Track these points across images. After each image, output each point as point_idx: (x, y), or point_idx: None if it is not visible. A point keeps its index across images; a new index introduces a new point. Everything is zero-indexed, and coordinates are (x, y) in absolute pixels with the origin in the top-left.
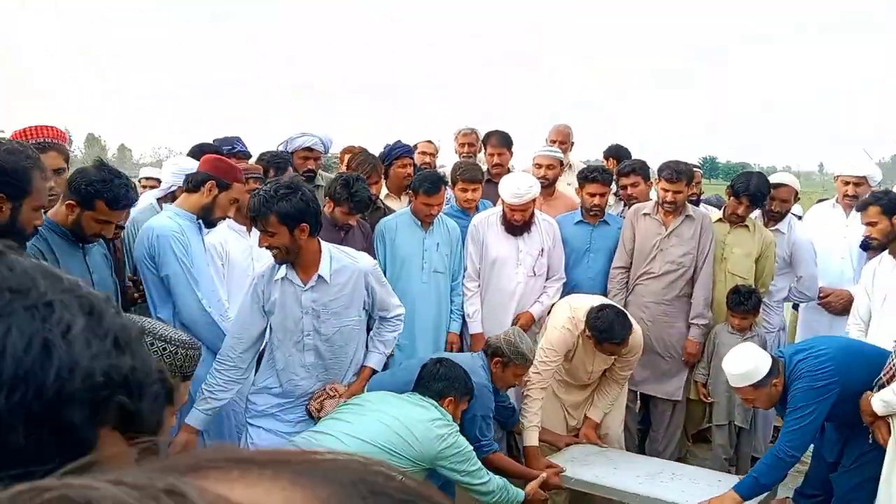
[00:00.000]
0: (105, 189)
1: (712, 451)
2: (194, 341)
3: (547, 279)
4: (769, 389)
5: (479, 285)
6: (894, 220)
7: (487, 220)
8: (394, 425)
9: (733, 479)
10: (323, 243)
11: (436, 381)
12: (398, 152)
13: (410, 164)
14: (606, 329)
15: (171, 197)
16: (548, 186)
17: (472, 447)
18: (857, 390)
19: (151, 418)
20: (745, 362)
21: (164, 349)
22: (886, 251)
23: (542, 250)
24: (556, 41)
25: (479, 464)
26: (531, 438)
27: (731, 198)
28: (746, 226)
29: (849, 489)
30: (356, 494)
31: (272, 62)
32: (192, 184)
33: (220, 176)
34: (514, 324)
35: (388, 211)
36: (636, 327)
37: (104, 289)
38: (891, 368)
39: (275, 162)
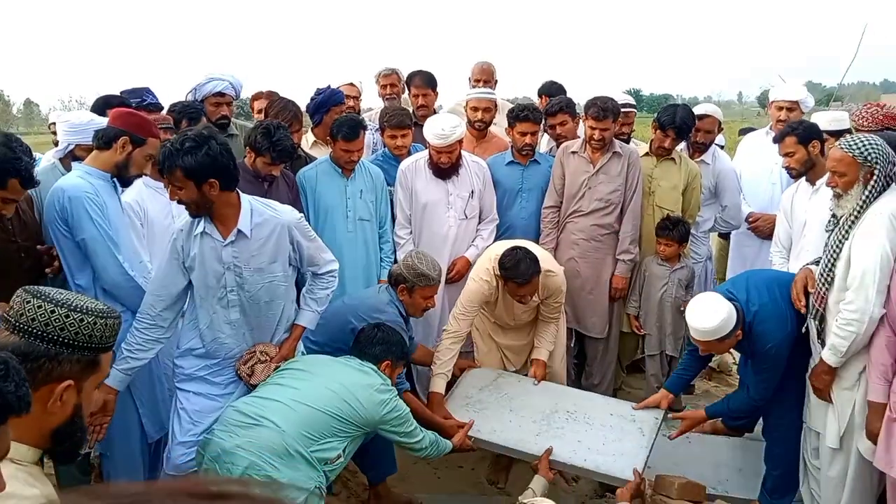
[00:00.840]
0: (20, 167)
1: (646, 381)
2: (112, 309)
3: (480, 222)
4: (731, 340)
5: (410, 232)
6: (809, 149)
7: (415, 164)
8: (340, 391)
9: (626, 408)
10: (243, 196)
11: (373, 345)
12: (334, 101)
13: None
14: (512, 267)
15: (70, 155)
16: (483, 129)
17: (408, 409)
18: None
19: None
20: (713, 318)
21: (82, 321)
22: (804, 178)
23: (473, 192)
24: None
25: (414, 423)
26: (437, 385)
27: (657, 131)
28: (672, 158)
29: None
30: None
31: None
32: (104, 140)
33: (133, 131)
34: (450, 270)
35: (309, 160)
36: (556, 270)
37: None
38: (819, 294)
39: (187, 112)
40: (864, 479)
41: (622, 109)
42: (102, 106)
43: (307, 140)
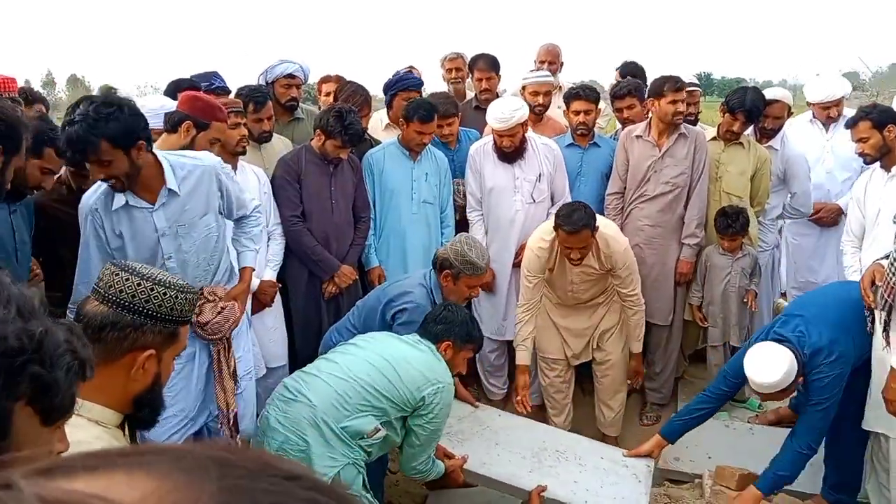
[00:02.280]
0: (55, 136)
1: (708, 371)
2: (191, 285)
3: (552, 205)
4: (792, 388)
5: (481, 214)
6: (885, 133)
7: (483, 148)
8: (380, 365)
9: (616, 454)
10: (157, 152)
11: (436, 323)
12: (407, 84)
13: (418, 96)
14: (565, 214)
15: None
16: (542, 114)
17: (447, 418)
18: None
19: (66, 393)
20: (779, 370)
21: (165, 294)
22: (878, 164)
23: (541, 175)
24: None
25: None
26: (522, 358)
27: (726, 115)
28: (741, 143)
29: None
30: (207, 481)
31: None
32: (171, 124)
33: (197, 115)
34: (517, 254)
35: (373, 144)
36: (619, 239)
37: (23, 252)
38: (889, 284)
39: (253, 96)
40: None
41: (687, 89)
42: (174, 90)
43: (381, 122)
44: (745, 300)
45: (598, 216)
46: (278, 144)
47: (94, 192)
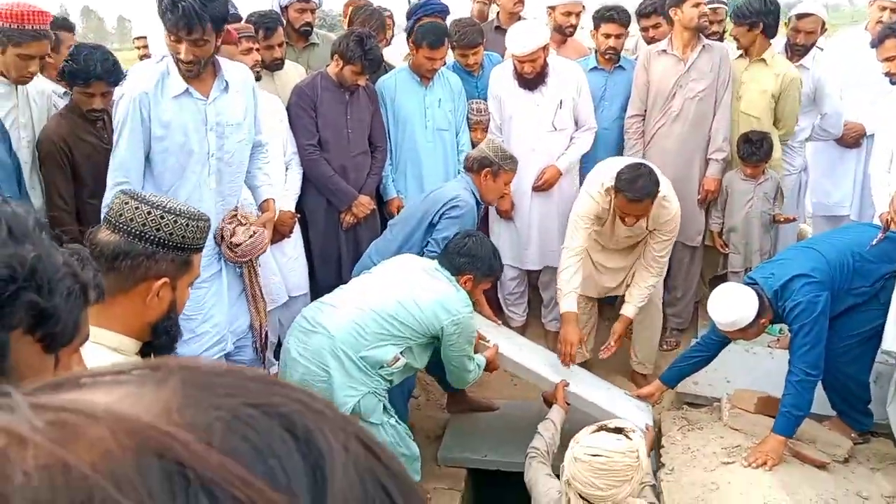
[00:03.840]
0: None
1: None
2: (202, 213)
3: (577, 129)
4: (757, 329)
5: (502, 140)
6: None
7: (503, 73)
8: (399, 295)
9: (619, 391)
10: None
11: (460, 255)
12: (432, 9)
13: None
14: (629, 179)
15: None
16: (571, 34)
17: (475, 334)
18: (843, 288)
19: (68, 319)
20: (731, 312)
21: (176, 222)
22: None
23: (562, 102)
24: None
25: (472, 353)
26: (569, 304)
27: (734, 25)
28: (764, 59)
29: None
30: (207, 402)
31: None
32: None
33: None
34: (538, 178)
35: (388, 69)
36: (673, 202)
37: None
38: None
39: (263, 22)
40: None
41: (710, 6)
42: None
43: (400, 55)
44: (773, 223)
45: (660, 176)
46: (292, 72)
47: (144, 76)
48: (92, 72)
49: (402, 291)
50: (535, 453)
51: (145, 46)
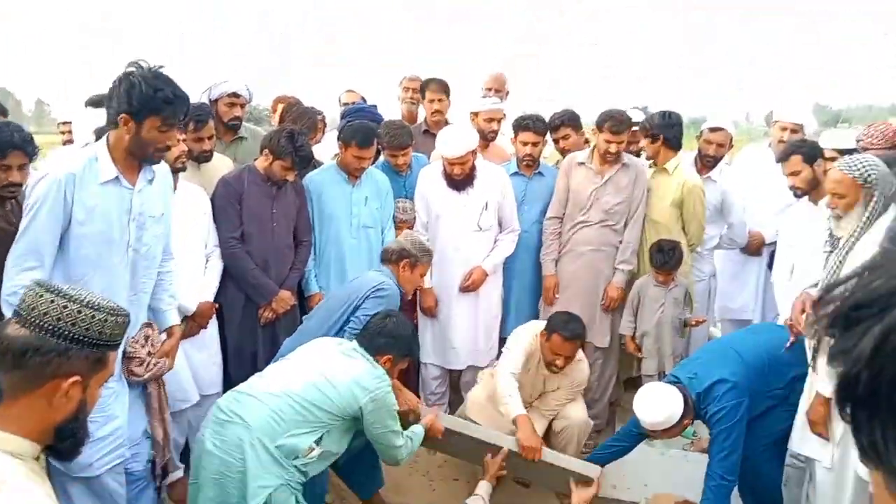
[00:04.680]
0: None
1: None
2: (121, 307)
3: (501, 231)
4: (679, 429)
5: (427, 240)
6: (815, 168)
7: (431, 174)
8: (315, 379)
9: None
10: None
11: (380, 335)
12: (364, 115)
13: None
14: (565, 321)
15: None
16: (493, 139)
17: (395, 407)
18: (760, 391)
19: None
20: (660, 412)
21: (93, 317)
22: (806, 199)
23: (487, 204)
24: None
25: (398, 425)
26: (517, 407)
27: (651, 141)
28: (666, 169)
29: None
30: None
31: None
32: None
33: None
34: (466, 279)
35: (317, 167)
36: (584, 364)
37: None
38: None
39: (194, 114)
40: (862, 501)
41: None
42: (100, 103)
43: (330, 150)
44: (684, 327)
45: None
46: (219, 164)
47: (71, 159)
48: (8, 141)
49: (317, 375)
50: None
51: (69, 132)
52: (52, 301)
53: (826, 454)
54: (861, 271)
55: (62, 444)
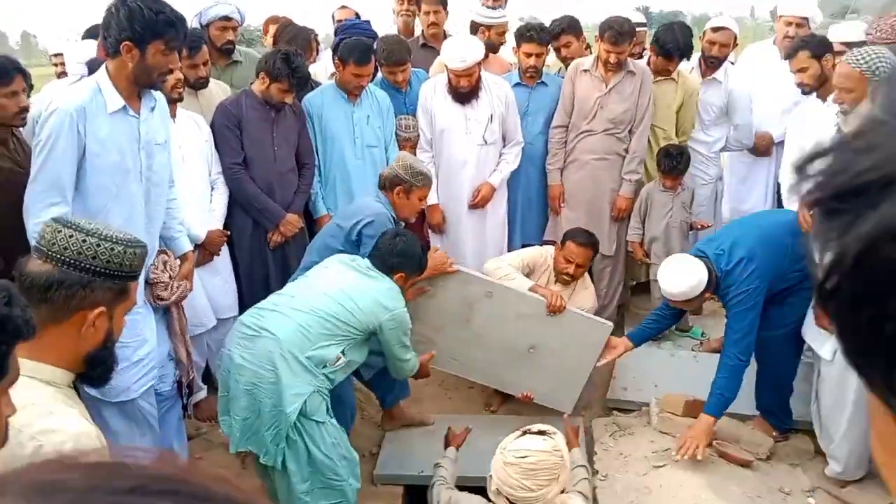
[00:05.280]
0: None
1: (652, 305)
2: (139, 239)
3: (504, 145)
4: (700, 300)
5: (432, 156)
6: (823, 63)
7: (434, 87)
8: (337, 295)
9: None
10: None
11: (392, 255)
12: (358, 31)
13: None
14: (581, 231)
15: None
16: (496, 51)
17: (410, 325)
18: (779, 274)
19: None
20: (685, 282)
21: (112, 250)
22: (814, 95)
23: (492, 116)
24: None
25: (409, 342)
26: (526, 282)
27: (660, 56)
28: (672, 78)
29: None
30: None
31: None
32: (90, 72)
33: None
34: (474, 196)
35: (315, 87)
36: (591, 291)
37: None
38: None
39: (187, 41)
40: (866, 393)
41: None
42: (96, 34)
43: (326, 69)
44: (690, 230)
45: None
46: (216, 90)
47: (77, 91)
48: (13, 64)
49: (340, 292)
50: (442, 481)
51: (62, 63)
52: (72, 236)
53: (827, 347)
54: (845, 142)
55: (94, 371)
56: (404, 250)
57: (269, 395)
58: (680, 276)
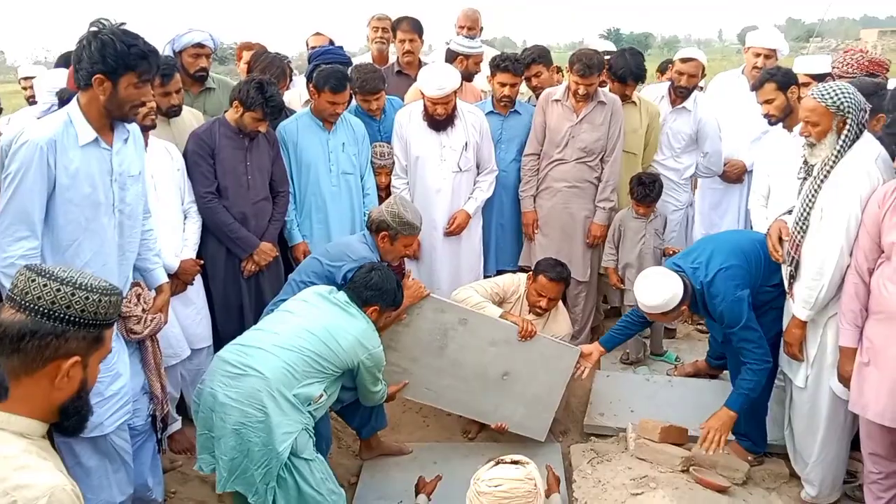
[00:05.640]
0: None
1: None
2: (114, 286)
3: (479, 173)
4: (676, 314)
5: (406, 182)
6: (789, 95)
7: (410, 115)
8: (320, 334)
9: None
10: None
11: (367, 289)
12: (332, 58)
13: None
14: (552, 264)
15: None
16: (469, 80)
17: (384, 361)
18: (754, 288)
19: None
20: (660, 295)
21: (87, 298)
22: (780, 126)
23: (467, 144)
24: None
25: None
26: (493, 310)
27: (616, 83)
28: (633, 102)
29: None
30: None
31: None
32: (63, 105)
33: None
34: (450, 223)
35: (289, 114)
36: (565, 317)
37: None
38: (794, 241)
39: (160, 68)
40: (837, 418)
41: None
42: (66, 62)
43: (300, 97)
44: (662, 256)
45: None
46: (189, 118)
47: (48, 123)
48: None
49: (323, 330)
50: None
51: (31, 87)
52: (45, 285)
53: (800, 374)
54: None
55: (68, 421)
56: (378, 284)
57: (258, 434)
58: (656, 288)
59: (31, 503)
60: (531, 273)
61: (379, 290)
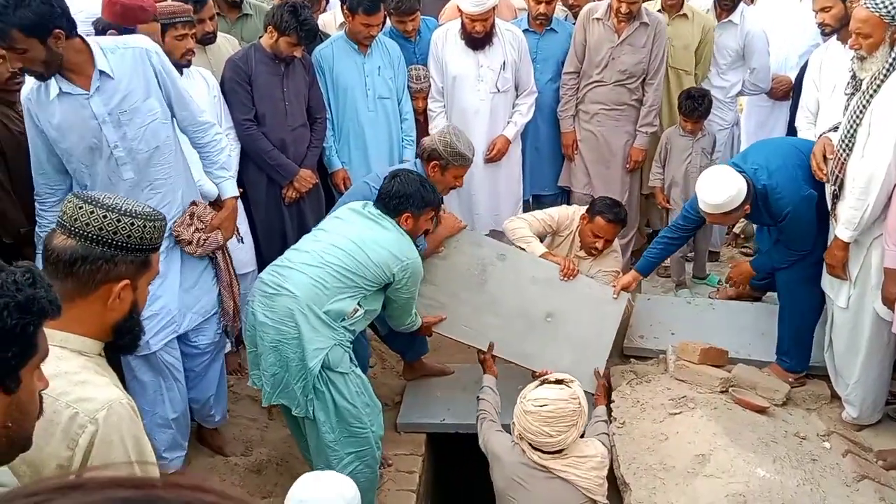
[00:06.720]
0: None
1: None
2: (158, 212)
3: (517, 95)
4: (739, 214)
5: (443, 105)
6: (847, 4)
7: (446, 34)
8: (350, 249)
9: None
10: (86, 37)
11: (391, 198)
12: None
13: None
14: (609, 204)
15: None
16: None
17: (420, 280)
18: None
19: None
20: (725, 192)
21: (132, 224)
22: (834, 38)
23: (505, 63)
24: None
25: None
26: (538, 246)
27: None
28: (685, 14)
29: (790, 283)
30: None
31: None
32: (97, 33)
33: (116, 21)
34: (489, 149)
35: (324, 38)
36: (617, 253)
37: None
38: (839, 159)
39: None
40: (880, 339)
41: None
42: None
43: (335, 20)
44: None
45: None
46: (225, 45)
47: (28, 84)
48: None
49: (351, 244)
50: (483, 415)
51: None
52: (92, 212)
53: (843, 294)
54: None
55: (122, 339)
56: (400, 190)
57: (294, 350)
58: (722, 185)
59: (91, 415)
60: (585, 213)
61: (403, 195)
